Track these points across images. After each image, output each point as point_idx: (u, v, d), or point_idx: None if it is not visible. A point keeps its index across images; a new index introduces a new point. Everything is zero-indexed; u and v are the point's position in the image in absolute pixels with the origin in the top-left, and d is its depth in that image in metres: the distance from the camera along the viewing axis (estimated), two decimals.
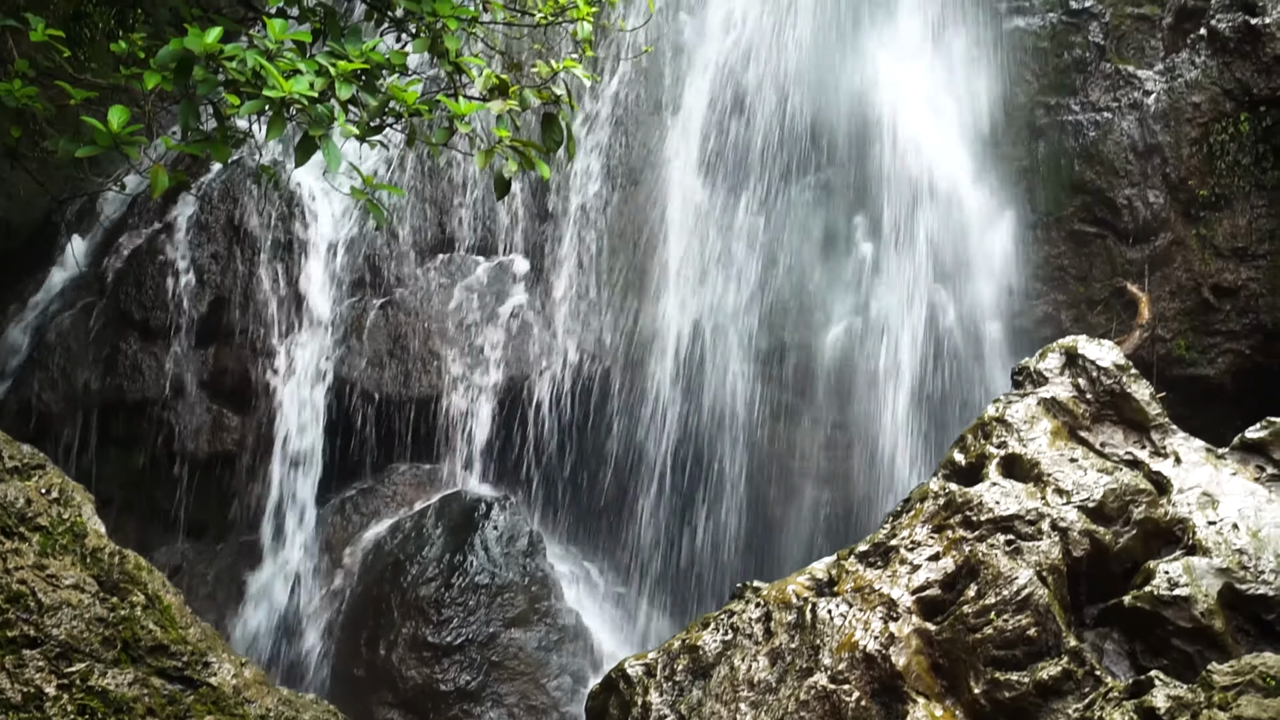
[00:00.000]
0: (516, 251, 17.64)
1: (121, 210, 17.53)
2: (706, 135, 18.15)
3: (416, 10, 9.45)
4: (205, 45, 7.95)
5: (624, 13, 17.85)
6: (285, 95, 8.00)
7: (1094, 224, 17.83)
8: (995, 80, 18.25)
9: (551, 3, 10.39)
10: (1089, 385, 11.64)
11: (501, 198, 10.69)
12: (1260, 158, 17.62)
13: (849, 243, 17.93)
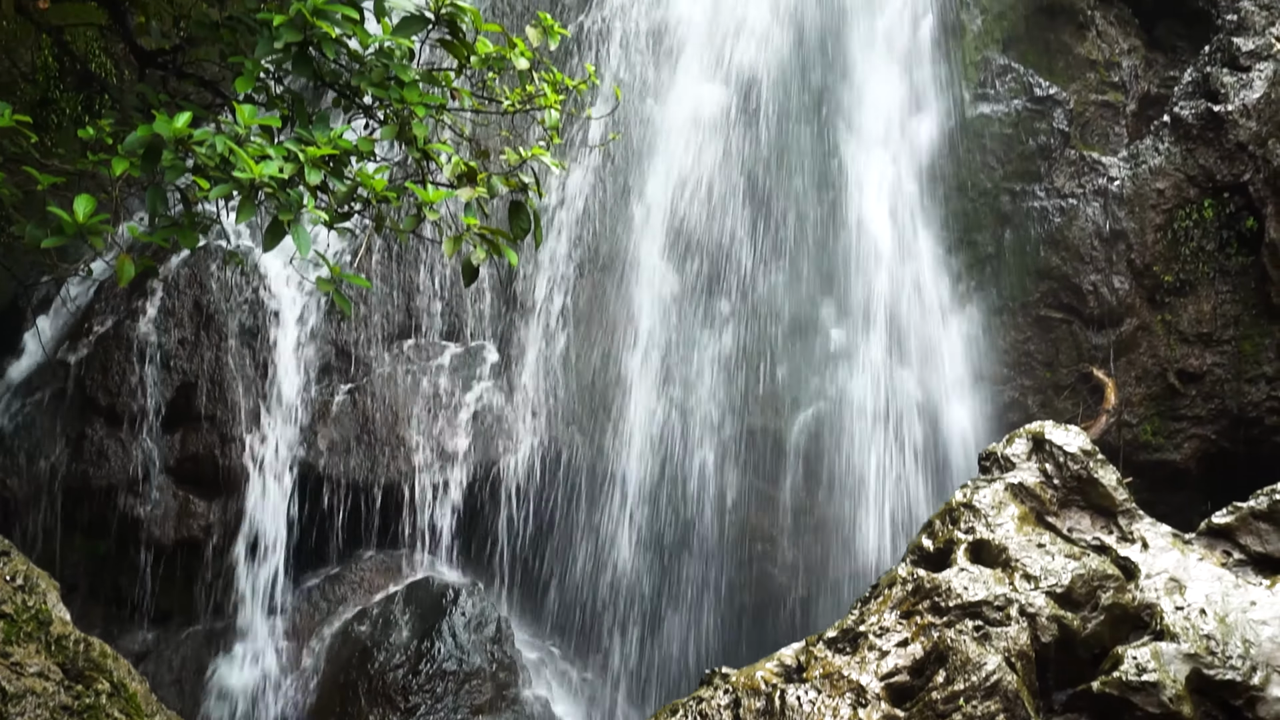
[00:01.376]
0: (484, 337, 17.65)
1: (88, 295, 17.49)
2: (674, 220, 18.20)
3: (384, 97, 9.48)
4: (174, 130, 7.97)
5: (591, 100, 17.94)
6: (255, 179, 8.02)
7: (1060, 309, 17.91)
8: (961, 166, 18.37)
9: (519, 91, 10.44)
10: (1056, 470, 11.66)
11: (469, 284, 10.71)
12: (1224, 243, 17.75)
13: (817, 328, 17.98)
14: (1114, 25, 19.23)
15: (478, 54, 9.95)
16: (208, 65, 12.18)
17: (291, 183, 8.28)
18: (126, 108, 11.16)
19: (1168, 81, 18.89)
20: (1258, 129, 17.54)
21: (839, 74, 18.68)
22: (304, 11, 8.81)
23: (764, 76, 18.61)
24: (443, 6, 9.46)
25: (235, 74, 9.13)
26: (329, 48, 8.99)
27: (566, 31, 11.01)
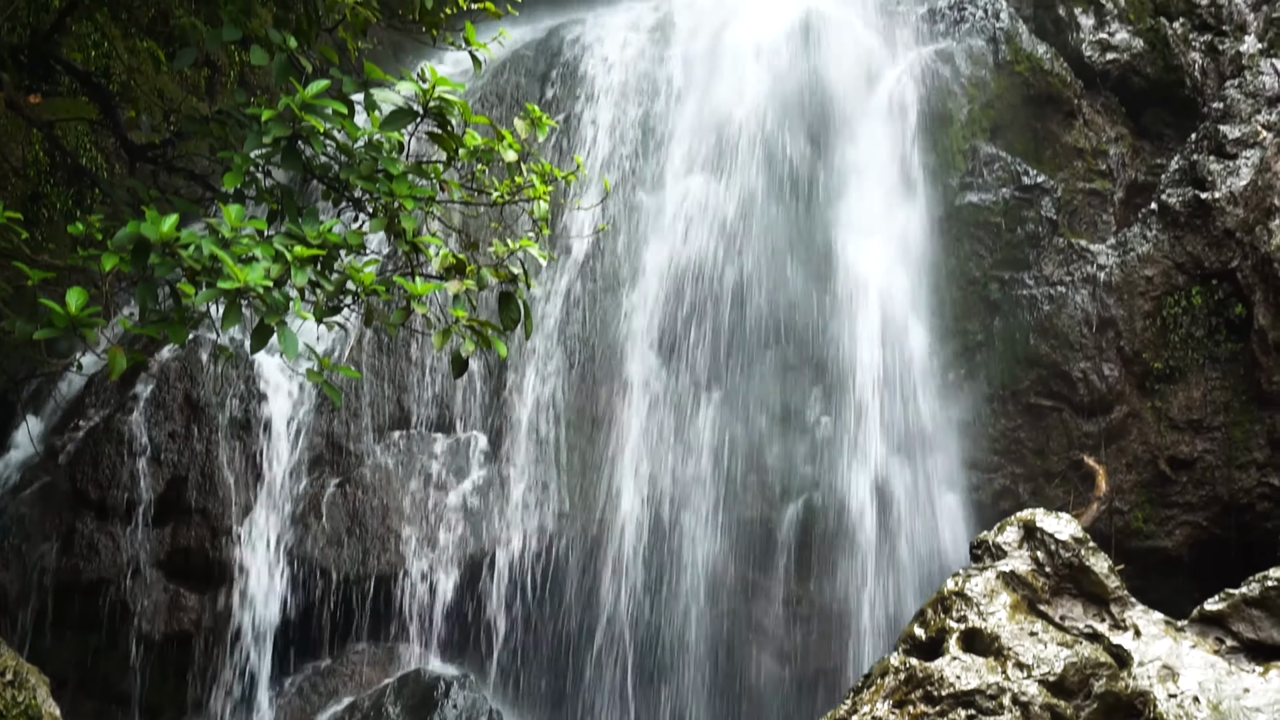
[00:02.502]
0: (474, 428, 17.64)
1: (78, 389, 17.49)
2: (663, 310, 18.22)
3: (373, 190, 9.52)
4: (161, 234, 7.99)
5: (580, 191, 18.01)
6: (240, 285, 8.04)
7: (1050, 397, 17.93)
8: (949, 255, 18.42)
9: (508, 182, 10.48)
10: (1048, 559, 11.64)
11: (459, 376, 10.72)
12: (1213, 330, 17.80)
13: (807, 417, 17.97)
14: (1101, 114, 19.35)
15: (466, 146, 10.01)
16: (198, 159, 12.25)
17: (278, 284, 8.30)
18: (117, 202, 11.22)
19: (1155, 169, 19.00)
20: (1245, 216, 17.62)
21: (828, 163, 18.76)
22: (293, 106, 8.86)
23: (752, 165, 18.68)
24: (431, 100, 9.51)
25: (225, 168, 9.19)
26: (317, 142, 9.04)
27: (555, 123, 11.09)
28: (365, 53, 12.08)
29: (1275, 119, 18.03)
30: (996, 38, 19.20)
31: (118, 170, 16.76)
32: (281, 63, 9.62)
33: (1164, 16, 19.32)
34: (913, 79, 19.05)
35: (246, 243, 8.36)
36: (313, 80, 9.12)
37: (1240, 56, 18.64)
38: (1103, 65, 19.33)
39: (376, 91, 9.70)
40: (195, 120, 10.58)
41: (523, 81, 19.79)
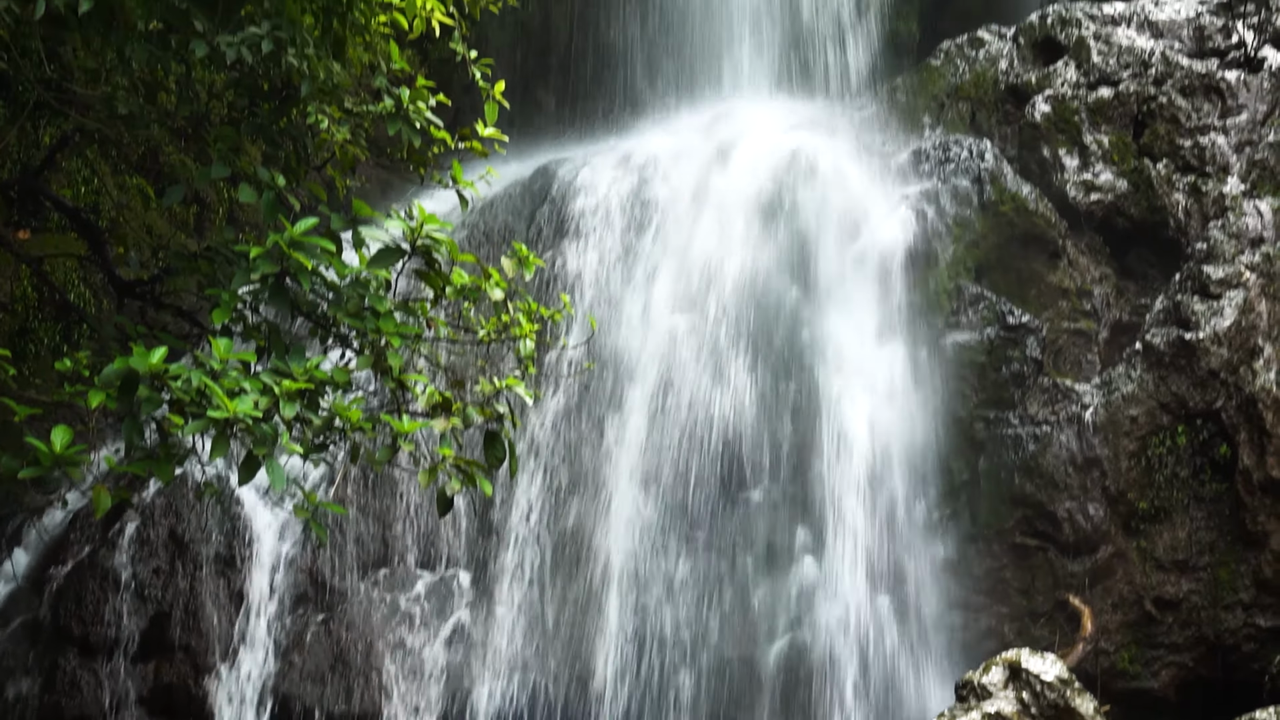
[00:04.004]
0: (459, 565, 17.61)
1: (63, 525, 17.45)
2: (648, 448, 18.24)
3: (360, 327, 9.56)
4: (150, 365, 8.03)
5: (567, 328, 18.08)
6: (229, 415, 8.06)
7: (1035, 536, 17.90)
8: (935, 394, 18.47)
9: (495, 320, 10.53)
10: (1033, 699, 11.60)
11: (444, 515, 10.72)
12: (1198, 470, 17.81)
13: (791, 555, 17.93)
14: (1085, 254, 19.48)
15: (454, 285, 10.06)
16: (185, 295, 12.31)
17: (266, 416, 8.32)
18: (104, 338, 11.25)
19: (1139, 309, 19.09)
20: (1229, 356, 17.70)
21: (813, 302, 18.85)
22: (281, 244, 8.92)
23: (738, 304, 18.78)
24: (419, 238, 9.57)
25: (213, 305, 9.22)
26: (305, 279, 9.08)
27: (541, 262, 11.16)
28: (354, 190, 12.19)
29: (1258, 260, 18.16)
30: (981, 178, 19.38)
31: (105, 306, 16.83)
32: (269, 201, 9.69)
33: (1148, 158, 19.50)
34: (899, 219, 19.19)
35: (235, 376, 8.38)
36: (301, 217, 9.18)
37: (1223, 198, 18.80)
38: (1087, 206, 19.48)
39: (364, 229, 9.76)
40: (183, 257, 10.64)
41: (510, 219, 19.95)
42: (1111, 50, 19.95)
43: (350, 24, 10.93)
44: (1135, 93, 19.64)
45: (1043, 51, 20.63)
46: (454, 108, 11.85)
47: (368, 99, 11.02)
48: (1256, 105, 19.41)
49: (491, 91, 11.04)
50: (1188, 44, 20.15)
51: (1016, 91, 20.40)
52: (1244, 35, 19.86)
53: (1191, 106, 19.43)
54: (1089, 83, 19.89)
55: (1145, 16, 20.41)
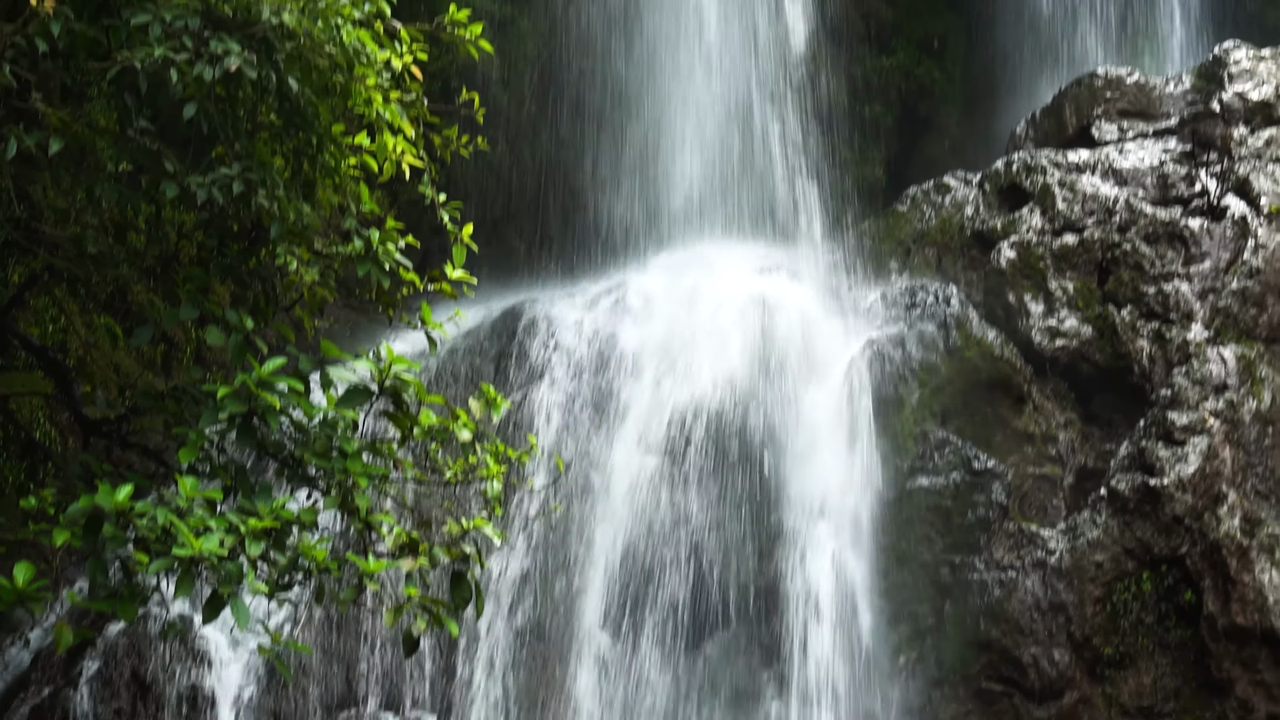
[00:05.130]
0: (423, 708, 17.47)
1: (24, 665, 17.31)
2: (615, 591, 18.20)
3: (328, 468, 9.58)
4: (116, 502, 8.03)
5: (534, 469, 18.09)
6: (195, 554, 8.05)
7: (1001, 682, 17.84)
8: (901, 538, 18.47)
9: (462, 461, 10.55)
10: None
11: (409, 655, 10.67)
12: (1163, 616, 17.81)
13: (758, 701, 17.85)
14: (1051, 400, 19.56)
15: (421, 426, 10.09)
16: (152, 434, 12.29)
17: (232, 555, 8.31)
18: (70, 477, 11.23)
19: (1104, 455, 19.14)
20: (1193, 503, 17.75)
21: (780, 444, 18.90)
22: (249, 384, 8.94)
23: (705, 447, 18.83)
24: (387, 379, 9.61)
25: (179, 444, 9.23)
26: (273, 419, 9.10)
27: (509, 403, 11.21)
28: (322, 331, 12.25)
29: (1222, 406, 18.27)
30: (947, 323, 19.49)
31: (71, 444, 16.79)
32: (237, 343, 9.73)
33: (1112, 304, 19.62)
34: (865, 364, 19.28)
35: (200, 514, 8.38)
36: (269, 358, 9.22)
37: (1188, 344, 18.92)
38: (1052, 351, 19.58)
39: (333, 369, 9.80)
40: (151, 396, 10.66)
41: (478, 360, 20.00)
42: (1076, 197, 20.15)
43: (321, 166, 11.03)
44: (1100, 239, 19.81)
45: (1008, 198, 20.81)
46: (423, 249, 11.93)
47: (337, 240, 11.08)
48: (1219, 253, 19.58)
49: (460, 235, 11.12)
50: (1151, 192, 20.35)
51: (982, 237, 20.56)
52: (1207, 184, 20.08)
53: (1155, 253, 19.59)
54: (1054, 229, 20.06)
55: (1109, 164, 20.62)
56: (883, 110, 24.80)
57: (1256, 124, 20.28)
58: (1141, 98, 21.30)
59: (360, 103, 10.92)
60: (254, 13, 10.22)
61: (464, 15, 11.58)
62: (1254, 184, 19.56)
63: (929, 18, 25.38)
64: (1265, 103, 20.35)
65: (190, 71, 9.86)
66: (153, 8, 10.17)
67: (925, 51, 25.23)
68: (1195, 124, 20.67)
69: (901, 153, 25.08)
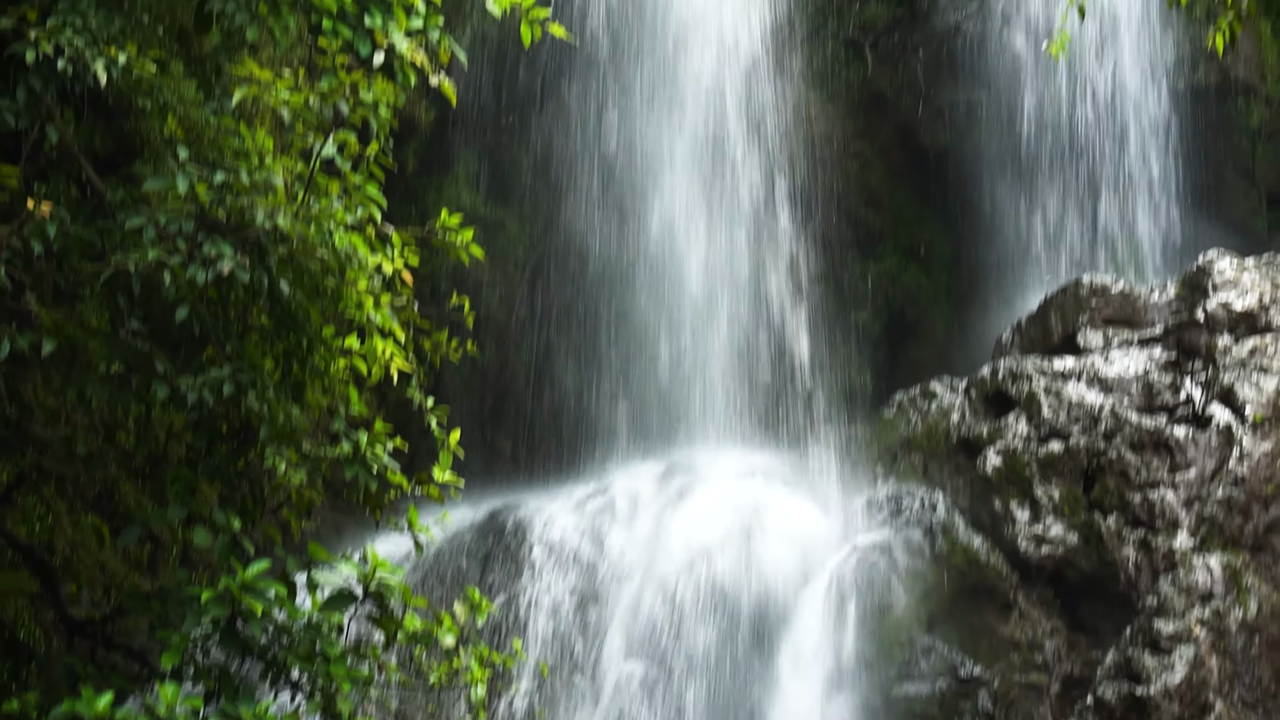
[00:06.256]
0: None
1: None
2: None
3: (311, 671, 9.54)
4: (96, 711, 7.99)
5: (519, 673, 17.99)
6: None
7: None
8: None
9: (446, 665, 10.51)
10: None
11: None
12: None
13: None
14: (1037, 607, 19.51)
15: (406, 630, 10.08)
16: (136, 635, 12.24)
17: None
18: (53, 678, 11.16)
19: (1090, 663, 19.06)
20: (1180, 712, 17.64)
21: (766, 651, 18.87)
22: (232, 588, 8.95)
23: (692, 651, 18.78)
24: (371, 583, 9.62)
25: (164, 646, 9.21)
26: (256, 623, 9.09)
27: (494, 608, 11.18)
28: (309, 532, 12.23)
29: (1209, 615, 18.23)
30: (934, 530, 19.51)
31: (55, 645, 16.66)
32: (224, 545, 9.75)
33: (1098, 511, 19.64)
34: (851, 569, 19.27)
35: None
36: (255, 559, 9.23)
37: (1173, 553, 18.91)
38: (1038, 559, 19.56)
39: (318, 572, 9.80)
40: (136, 597, 10.66)
41: (464, 563, 19.96)
42: (1062, 405, 20.24)
43: (311, 368, 11.11)
44: (1085, 447, 19.87)
45: (994, 404, 20.90)
46: (411, 451, 11.96)
47: (325, 442, 11.13)
48: (1205, 461, 19.63)
49: (447, 441, 11.18)
50: (1137, 399, 20.45)
51: (968, 444, 20.62)
52: (1192, 392, 20.20)
53: (1141, 461, 19.65)
54: (1040, 436, 20.14)
55: (1095, 372, 20.74)
56: (870, 316, 24.98)
57: (1241, 333, 20.43)
58: (1126, 306, 21.47)
59: (351, 306, 11.03)
60: (248, 217, 10.36)
61: (455, 220, 11.73)
62: (1239, 393, 19.66)
63: (916, 225, 25.64)
64: (1249, 312, 20.50)
65: (183, 274, 9.98)
66: (147, 211, 10.32)
67: (912, 258, 25.46)
68: (1180, 333, 20.83)
69: (888, 358, 25.23)
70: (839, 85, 25.16)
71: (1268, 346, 19.94)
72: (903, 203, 25.57)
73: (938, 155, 25.18)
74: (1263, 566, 18.88)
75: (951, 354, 24.48)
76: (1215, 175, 24.93)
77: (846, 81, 25.22)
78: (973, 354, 23.62)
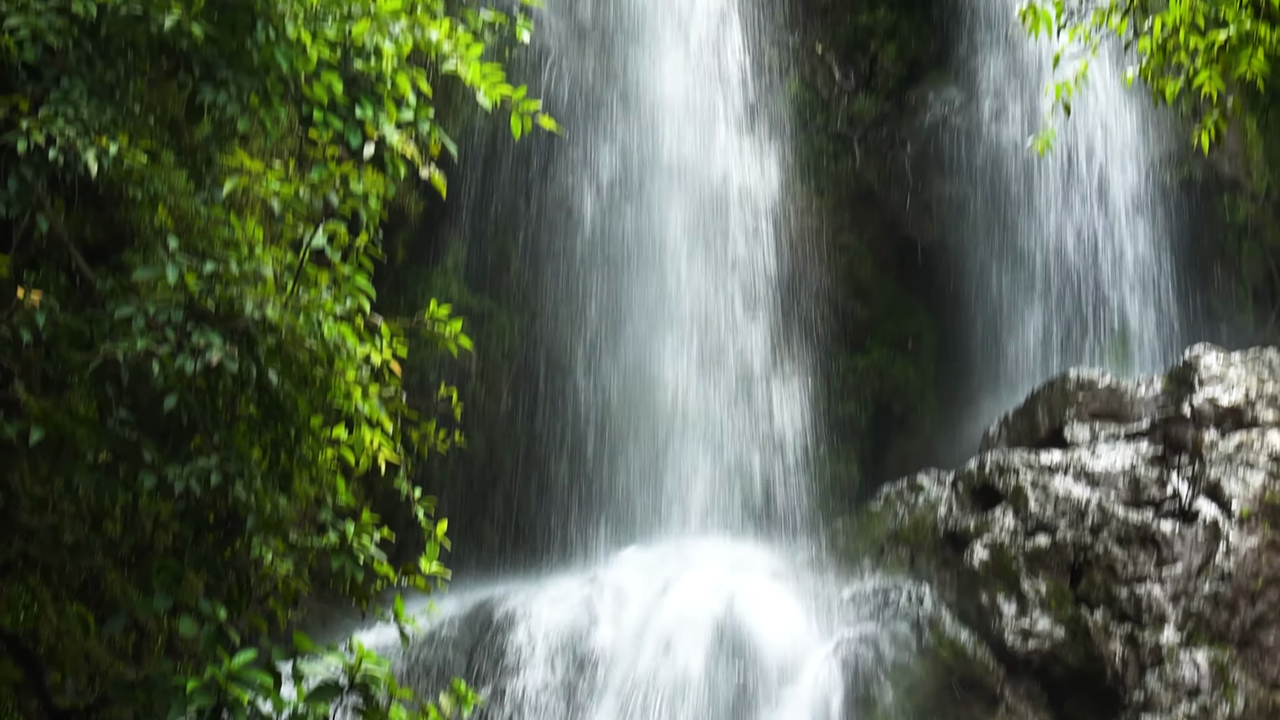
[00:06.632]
0: None
1: None
2: None
3: None
4: None
5: None
6: None
7: None
8: None
9: None
10: None
11: None
12: None
13: None
14: (1024, 701, 19.45)
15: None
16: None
17: None
18: None
19: None
20: None
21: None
22: (218, 677, 8.93)
23: None
24: (358, 674, 9.59)
25: None
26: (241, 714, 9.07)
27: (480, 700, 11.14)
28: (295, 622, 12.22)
29: (1195, 711, 18.20)
30: (920, 623, 19.48)
31: None
32: (210, 634, 9.74)
33: (1085, 605, 19.63)
34: (837, 663, 19.23)
35: None
36: (241, 649, 9.22)
37: (1160, 648, 18.90)
38: (1025, 653, 19.53)
39: (304, 662, 9.78)
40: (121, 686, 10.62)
41: (450, 654, 19.90)
42: (1049, 498, 20.25)
43: (298, 458, 11.13)
44: (1072, 541, 19.87)
45: (981, 498, 20.92)
46: (398, 541, 11.95)
47: (312, 532, 11.13)
48: (1192, 556, 19.64)
49: (434, 533, 11.19)
50: (1124, 494, 20.46)
51: (955, 537, 20.62)
52: (1179, 487, 20.23)
53: (1128, 556, 19.66)
54: (1026, 530, 20.14)
55: (1082, 466, 20.76)
56: (857, 408, 25.02)
57: (1227, 428, 20.49)
58: (1113, 400, 21.53)
59: (339, 396, 11.06)
60: (237, 307, 10.41)
61: (444, 311, 11.78)
62: (1225, 488, 19.70)
63: (903, 317, 25.72)
64: (1235, 408, 20.57)
65: (172, 364, 10.01)
66: (136, 300, 10.37)
67: (900, 351, 25.54)
68: (1167, 427, 20.87)
69: (876, 450, 25.25)
70: (827, 178, 25.32)
71: (1254, 442, 20.00)
72: (891, 295, 25.68)
73: (926, 248, 25.32)
74: (1249, 662, 18.86)
75: (938, 446, 24.52)
76: (1202, 270, 25.05)
77: (835, 175, 25.38)
78: (960, 446, 23.66)
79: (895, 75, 25.90)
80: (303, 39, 10.71)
